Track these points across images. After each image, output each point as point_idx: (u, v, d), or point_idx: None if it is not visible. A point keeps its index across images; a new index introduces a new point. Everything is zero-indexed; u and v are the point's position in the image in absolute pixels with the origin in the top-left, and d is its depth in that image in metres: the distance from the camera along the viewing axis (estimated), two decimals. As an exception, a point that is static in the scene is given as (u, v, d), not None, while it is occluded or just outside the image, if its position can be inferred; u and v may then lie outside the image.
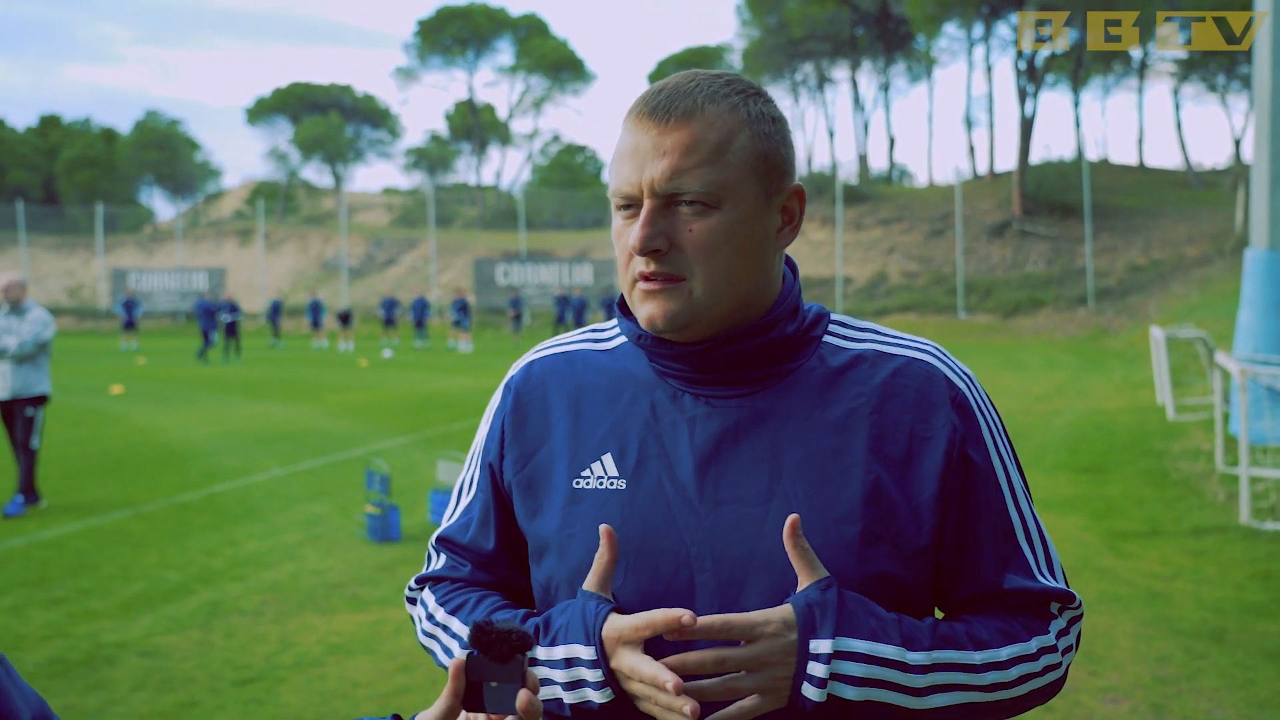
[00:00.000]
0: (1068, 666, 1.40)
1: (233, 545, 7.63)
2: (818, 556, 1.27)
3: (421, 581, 1.56)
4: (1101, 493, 9.24)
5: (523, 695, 1.10)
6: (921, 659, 1.26)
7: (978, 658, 1.30)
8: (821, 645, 1.22)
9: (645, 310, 1.32)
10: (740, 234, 1.31)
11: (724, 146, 1.29)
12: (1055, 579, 1.41)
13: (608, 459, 1.37)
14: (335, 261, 51.21)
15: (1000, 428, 1.41)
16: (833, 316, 1.44)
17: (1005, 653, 1.32)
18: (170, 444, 12.83)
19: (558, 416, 1.43)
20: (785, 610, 1.23)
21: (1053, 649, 1.36)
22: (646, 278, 1.31)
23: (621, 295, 1.41)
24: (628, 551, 1.33)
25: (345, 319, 35.33)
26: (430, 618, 1.50)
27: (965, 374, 1.41)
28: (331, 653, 5.37)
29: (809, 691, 1.22)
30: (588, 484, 1.37)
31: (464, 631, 1.43)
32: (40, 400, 9.01)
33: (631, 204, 1.32)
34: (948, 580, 1.38)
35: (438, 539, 1.55)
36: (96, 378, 22.24)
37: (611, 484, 1.36)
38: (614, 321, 1.49)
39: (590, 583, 1.30)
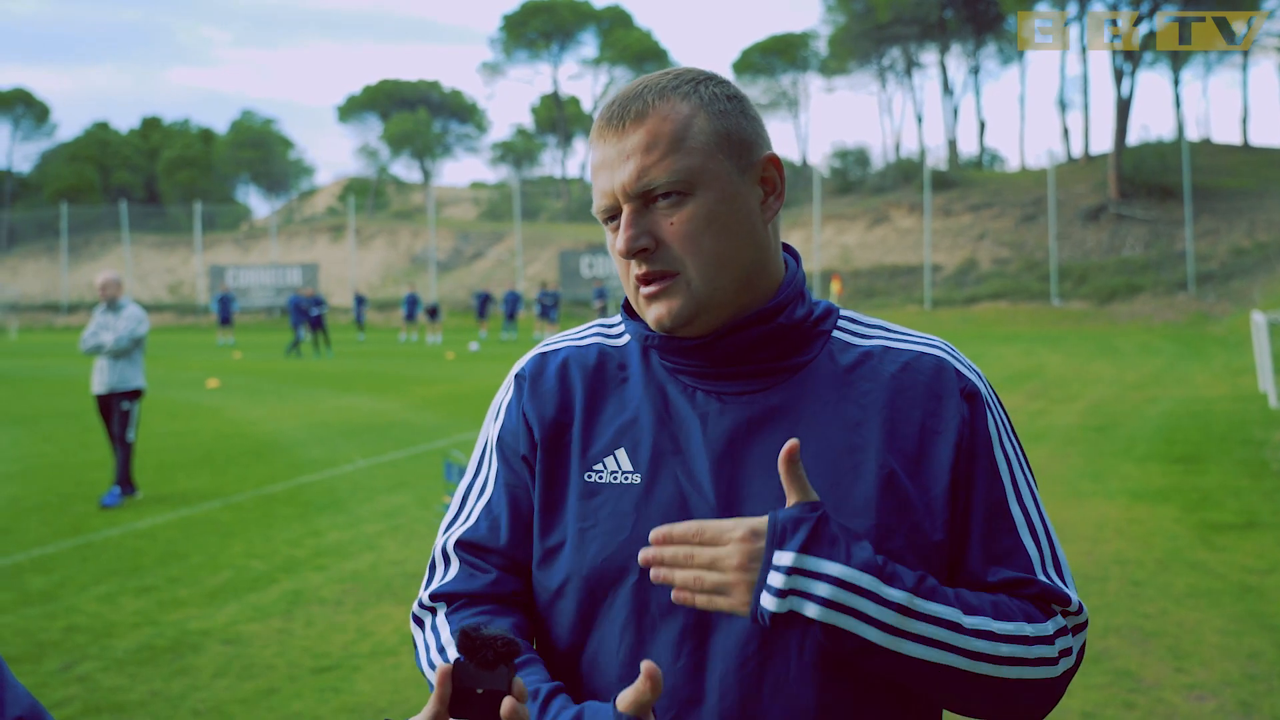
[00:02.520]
0: (1064, 675, 1.30)
1: (316, 535, 7.80)
2: None
3: (436, 599, 1.43)
4: (1196, 483, 8.94)
5: (507, 704, 1.10)
6: (900, 598, 1.20)
7: (967, 622, 1.23)
8: (784, 557, 1.18)
9: (652, 313, 1.33)
10: (722, 214, 1.31)
11: (681, 134, 1.30)
12: (1062, 581, 1.34)
13: (621, 454, 1.36)
14: (424, 256, 52.02)
15: (1007, 425, 1.40)
16: (841, 313, 1.43)
17: (999, 627, 1.24)
18: (261, 436, 13.16)
19: (572, 410, 1.41)
20: (760, 520, 1.21)
21: (1048, 640, 1.28)
22: (643, 280, 1.32)
23: (626, 299, 1.42)
24: (644, 548, 1.28)
25: (433, 312, 35.89)
26: (442, 650, 1.39)
27: (974, 370, 1.41)
28: (406, 642, 5.45)
29: (766, 601, 1.18)
30: (601, 478, 1.36)
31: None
32: (135, 394, 9.30)
33: (614, 215, 1.34)
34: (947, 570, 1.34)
35: (457, 544, 1.43)
36: (194, 372, 22.91)
37: (626, 479, 1.35)
38: (620, 317, 1.47)
39: (625, 703, 1.20)
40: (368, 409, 15.78)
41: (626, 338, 1.46)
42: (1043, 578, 1.33)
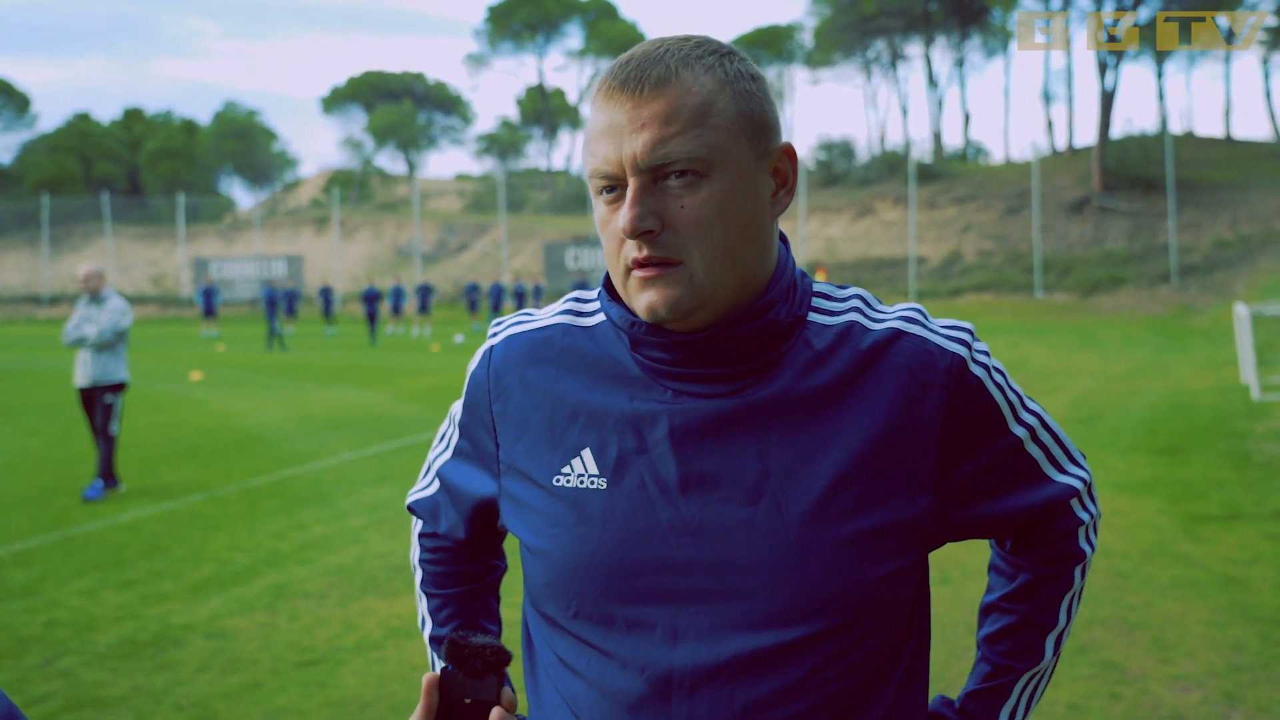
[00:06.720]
0: (1092, 541, 1.46)
1: (300, 529, 7.76)
2: (815, 560, 1.20)
3: (411, 511, 1.60)
4: (1179, 475, 8.98)
5: (495, 713, 1.08)
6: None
7: (1045, 658, 1.46)
8: None
9: (645, 299, 1.21)
10: (736, 202, 1.21)
11: (706, 109, 1.19)
12: (1071, 463, 1.40)
13: (587, 454, 1.28)
14: (408, 248, 51.85)
15: (1000, 374, 1.35)
16: (815, 288, 1.33)
17: (1061, 626, 1.45)
18: (245, 429, 13.09)
19: (535, 405, 1.33)
20: None
21: (1086, 561, 1.44)
22: (641, 264, 1.20)
23: (607, 275, 1.32)
24: (610, 557, 1.25)
25: (421, 304, 35.90)
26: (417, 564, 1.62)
27: (953, 330, 1.31)
28: (391, 636, 5.43)
29: None
30: (568, 482, 1.29)
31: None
32: (118, 388, 9.23)
33: (615, 185, 1.21)
34: (988, 531, 1.36)
35: (411, 505, 1.58)
36: (177, 364, 22.79)
37: (592, 483, 1.27)
38: (597, 292, 1.38)
39: None
40: (353, 401, 15.72)
41: (599, 318, 1.35)
42: (1052, 473, 1.38)
